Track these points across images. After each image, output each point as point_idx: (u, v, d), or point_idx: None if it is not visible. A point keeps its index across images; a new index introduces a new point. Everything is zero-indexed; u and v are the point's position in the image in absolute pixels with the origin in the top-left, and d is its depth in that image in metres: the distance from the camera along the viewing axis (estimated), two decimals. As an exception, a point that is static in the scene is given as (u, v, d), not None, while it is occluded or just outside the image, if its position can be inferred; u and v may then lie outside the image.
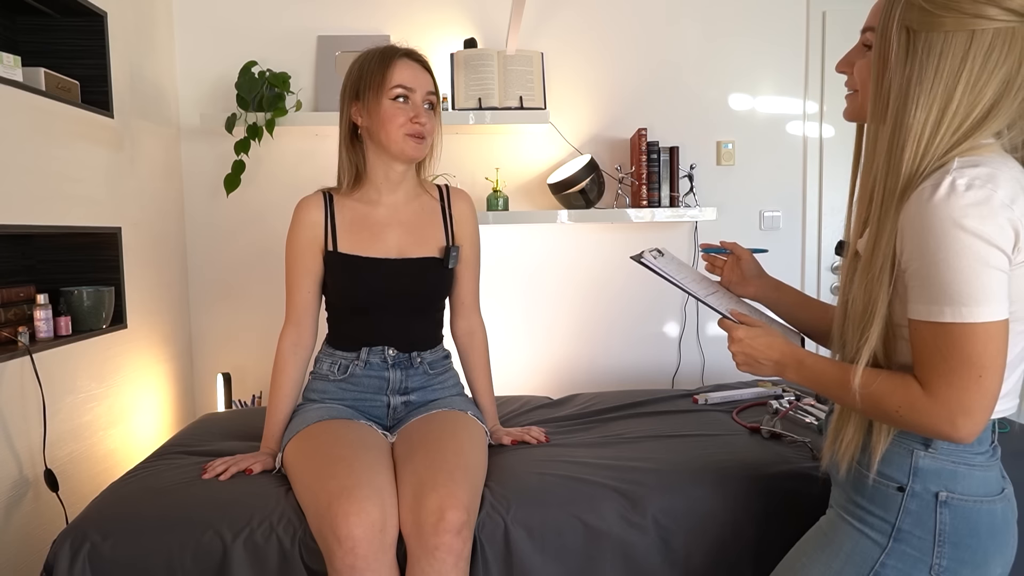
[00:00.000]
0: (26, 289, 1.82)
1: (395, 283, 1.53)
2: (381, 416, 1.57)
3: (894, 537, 0.97)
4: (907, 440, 0.96)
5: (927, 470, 0.95)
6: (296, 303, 1.56)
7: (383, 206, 1.56)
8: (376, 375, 1.55)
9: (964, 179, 0.84)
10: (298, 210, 1.55)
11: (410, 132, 1.47)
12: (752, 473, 1.40)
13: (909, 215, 0.88)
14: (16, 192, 1.68)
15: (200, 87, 2.58)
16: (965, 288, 0.84)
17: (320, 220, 1.53)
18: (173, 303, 2.50)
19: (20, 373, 1.67)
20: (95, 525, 1.28)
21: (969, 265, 0.83)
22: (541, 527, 1.30)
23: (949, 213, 0.84)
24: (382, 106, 1.47)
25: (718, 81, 2.71)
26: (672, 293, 2.75)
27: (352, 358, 1.55)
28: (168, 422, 2.45)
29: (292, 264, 1.55)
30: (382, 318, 1.55)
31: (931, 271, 0.86)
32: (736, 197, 2.73)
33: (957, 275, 0.84)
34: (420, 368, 1.58)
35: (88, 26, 2.03)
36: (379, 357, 1.55)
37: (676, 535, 1.32)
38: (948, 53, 0.88)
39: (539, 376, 2.75)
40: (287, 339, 1.56)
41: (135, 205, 2.24)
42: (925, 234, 0.86)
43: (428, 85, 1.51)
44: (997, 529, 0.96)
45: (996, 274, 0.84)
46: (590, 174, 2.47)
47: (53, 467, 1.74)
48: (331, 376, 1.56)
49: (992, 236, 0.83)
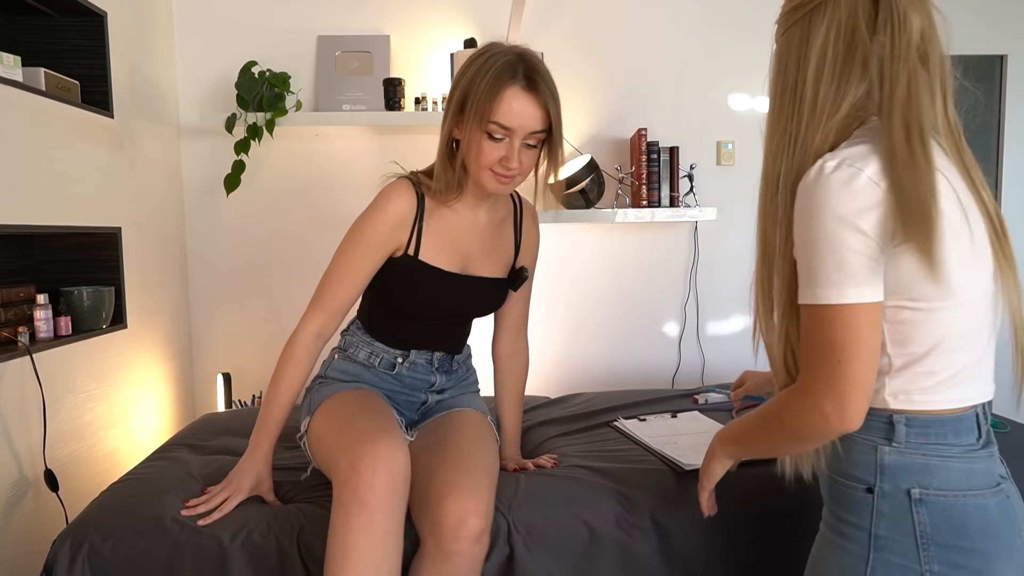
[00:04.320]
0: (26, 289, 1.82)
1: (464, 299, 1.46)
2: (412, 410, 1.52)
3: (874, 546, 0.90)
4: (869, 436, 0.91)
5: (894, 466, 0.89)
6: (339, 294, 1.38)
7: (466, 217, 1.44)
8: (422, 377, 1.49)
9: (834, 161, 0.84)
10: (386, 200, 1.37)
11: (497, 172, 1.31)
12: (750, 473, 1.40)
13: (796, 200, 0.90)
14: (16, 192, 1.68)
15: (200, 87, 2.58)
16: (823, 270, 0.84)
17: (409, 219, 1.37)
18: (173, 303, 2.50)
19: (20, 373, 1.67)
20: (95, 525, 1.28)
21: (828, 246, 0.83)
22: (541, 527, 1.30)
23: (813, 196, 0.84)
24: (476, 136, 1.29)
25: (718, 81, 2.71)
26: (672, 293, 2.76)
27: (397, 355, 1.48)
28: (168, 422, 2.45)
29: (355, 253, 1.37)
30: (439, 326, 1.49)
31: (801, 254, 0.88)
32: (736, 197, 2.73)
33: (818, 257, 0.84)
34: (458, 371, 1.56)
35: (88, 26, 2.03)
36: (426, 359, 1.49)
37: (675, 535, 1.32)
38: (783, 54, 0.94)
39: (539, 376, 2.74)
40: (311, 326, 1.37)
41: (135, 205, 2.24)
42: (798, 218, 0.87)
43: (536, 123, 1.28)
44: (994, 527, 0.88)
45: (855, 256, 0.83)
46: (590, 174, 2.47)
47: (53, 467, 1.74)
48: (368, 364, 1.48)
49: (852, 217, 0.82)
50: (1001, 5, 2.74)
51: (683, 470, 1.40)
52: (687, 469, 1.40)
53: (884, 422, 0.91)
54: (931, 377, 0.89)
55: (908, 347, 0.88)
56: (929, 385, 0.89)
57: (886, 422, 0.90)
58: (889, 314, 0.88)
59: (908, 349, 0.89)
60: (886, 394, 0.90)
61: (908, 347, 0.88)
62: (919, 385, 0.89)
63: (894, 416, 0.90)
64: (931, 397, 0.89)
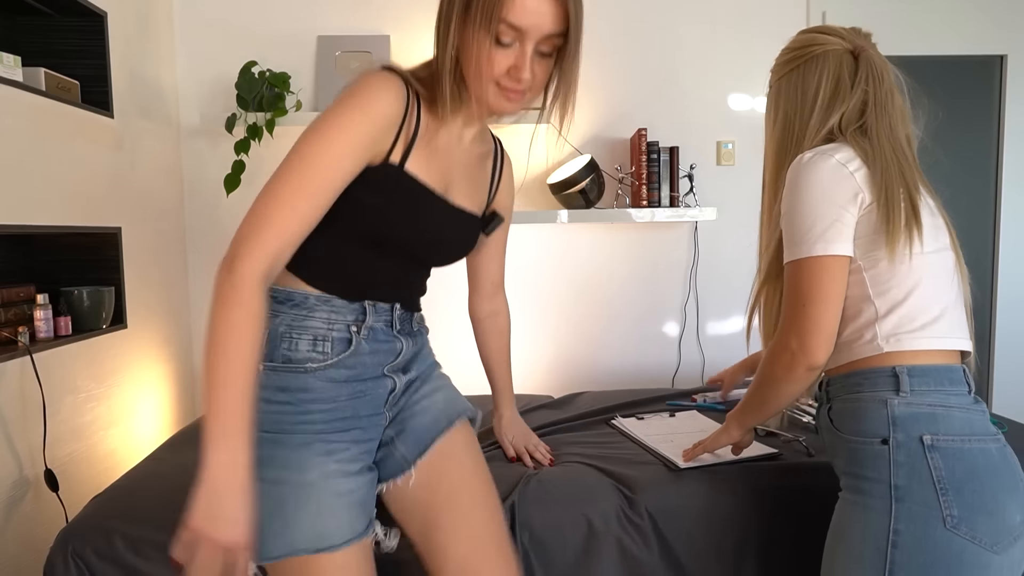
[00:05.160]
0: (26, 289, 1.83)
1: (444, 229, 1.17)
2: (378, 409, 1.14)
3: (895, 497, 0.98)
4: (877, 391, 1.04)
5: (904, 417, 1.01)
6: (303, 210, 0.97)
7: (454, 136, 1.18)
8: (384, 347, 1.14)
9: (811, 152, 1.09)
10: (375, 91, 1.03)
11: (505, 85, 1.07)
12: (750, 471, 1.41)
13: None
14: (16, 192, 1.68)
15: (200, 87, 2.58)
16: (797, 230, 1.07)
17: (397, 117, 1.06)
18: (173, 303, 2.50)
19: (20, 373, 1.67)
20: (95, 525, 1.28)
21: (802, 211, 1.06)
22: (542, 524, 1.31)
23: (796, 173, 1.09)
24: (482, 41, 1.03)
25: (718, 81, 2.71)
26: (672, 293, 2.76)
27: (351, 321, 1.10)
28: (168, 422, 2.45)
29: (331, 151, 0.99)
30: (403, 266, 1.17)
31: (784, 222, 1.10)
32: (736, 197, 2.73)
33: (795, 220, 1.07)
34: (419, 334, 1.24)
35: (88, 26, 2.03)
36: (385, 320, 1.14)
37: (674, 533, 1.33)
38: (773, 96, 1.25)
39: (539, 376, 2.75)
40: (260, 260, 0.94)
41: (135, 205, 2.24)
42: (785, 191, 1.10)
43: (552, 23, 1.03)
44: (998, 469, 0.98)
45: (824, 220, 1.05)
46: (590, 174, 2.47)
47: (53, 467, 1.74)
48: (315, 359, 1.05)
49: (825, 186, 1.05)
50: (1001, 5, 2.74)
51: (678, 468, 1.41)
52: (682, 468, 1.41)
53: (889, 375, 1.04)
54: (913, 320, 1.05)
55: (888, 294, 1.05)
56: (914, 328, 1.05)
57: (890, 375, 1.04)
58: (867, 264, 1.06)
59: (889, 296, 1.05)
60: (879, 340, 1.05)
61: (888, 294, 1.05)
62: (904, 328, 1.05)
63: (896, 368, 1.04)
64: (918, 338, 1.04)
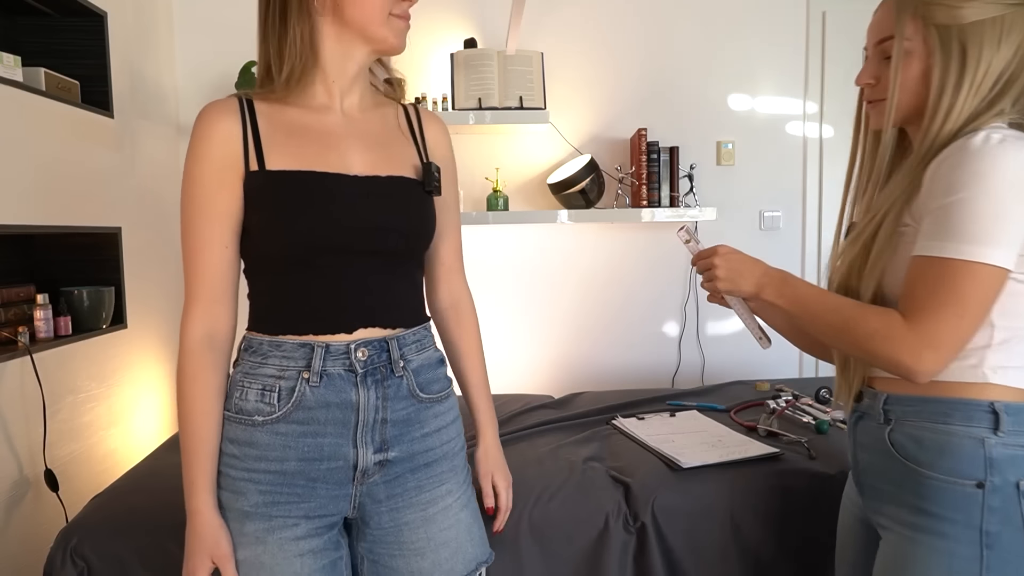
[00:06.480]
0: (26, 289, 1.83)
1: (366, 211, 0.99)
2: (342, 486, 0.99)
3: (986, 544, 0.89)
4: (972, 427, 0.92)
5: (1002, 459, 0.90)
6: (204, 269, 0.98)
7: (334, 112, 1.04)
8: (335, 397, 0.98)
9: (998, 135, 0.89)
10: (201, 121, 0.97)
11: (397, 12, 1.02)
12: (750, 471, 1.41)
13: (939, 164, 0.92)
14: (16, 192, 1.68)
15: (200, 87, 2.58)
16: (976, 228, 0.87)
17: (236, 132, 0.97)
18: (173, 303, 2.50)
19: (20, 373, 1.67)
20: (95, 525, 1.28)
21: (990, 207, 0.87)
22: (543, 525, 1.31)
23: (983, 158, 0.88)
24: None
25: (718, 81, 2.71)
26: (672, 293, 2.76)
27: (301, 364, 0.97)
28: (168, 422, 2.45)
29: (195, 205, 0.96)
30: (356, 274, 1.00)
31: (951, 209, 0.89)
32: (736, 197, 2.73)
33: (975, 214, 0.87)
34: (404, 377, 1.02)
35: (88, 26, 2.03)
36: (341, 362, 0.98)
37: (675, 533, 1.33)
38: (976, 41, 0.95)
39: (539, 376, 2.75)
40: (196, 328, 0.97)
41: (135, 205, 2.24)
42: (956, 175, 0.89)
43: None
44: None
45: (1012, 225, 0.87)
46: (590, 174, 2.47)
47: (53, 467, 1.74)
48: (263, 411, 0.97)
49: (1021, 182, 0.86)
50: (1001, 5, 2.74)
51: (680, 467, 1.41)
52: (684, 467, 1.41)
53: (987, 411, 0.92)
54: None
55: (1014, 320, 0.92)
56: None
57: (989, 411, 0.92)
58: (1014, 282, 0.91)
59: (1013, 322, 0.92)
60: (985, 368, 0.93)
61: (1014, 320, 0.92)
62: (1015, 363, 0.92)
63: (995, 404, 0.92)
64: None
